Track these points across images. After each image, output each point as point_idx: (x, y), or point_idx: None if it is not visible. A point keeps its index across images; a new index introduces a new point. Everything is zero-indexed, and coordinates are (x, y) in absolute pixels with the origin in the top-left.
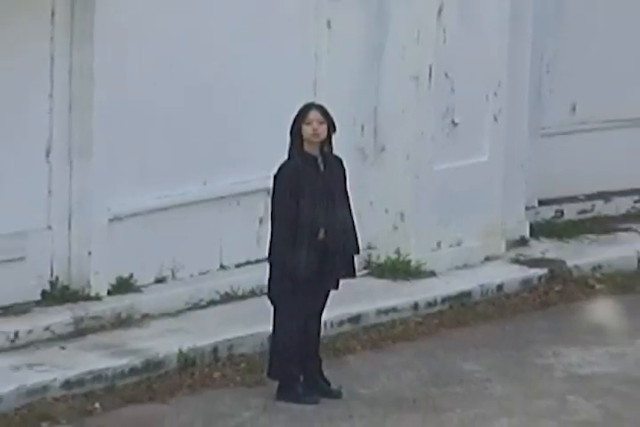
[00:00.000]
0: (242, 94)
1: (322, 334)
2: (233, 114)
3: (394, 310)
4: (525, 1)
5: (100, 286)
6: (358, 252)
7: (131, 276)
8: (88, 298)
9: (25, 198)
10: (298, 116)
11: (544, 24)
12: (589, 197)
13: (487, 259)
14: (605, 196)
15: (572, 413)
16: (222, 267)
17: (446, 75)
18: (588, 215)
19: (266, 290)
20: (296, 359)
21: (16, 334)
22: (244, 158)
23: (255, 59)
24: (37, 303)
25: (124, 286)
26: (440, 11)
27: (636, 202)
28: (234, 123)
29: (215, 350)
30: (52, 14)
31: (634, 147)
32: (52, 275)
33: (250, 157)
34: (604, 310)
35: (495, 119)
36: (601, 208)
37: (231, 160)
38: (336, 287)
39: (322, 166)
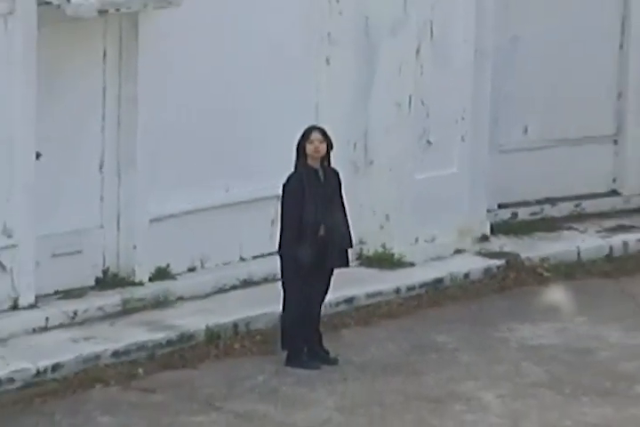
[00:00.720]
0: (257, 118)
1: (322, 313)
2: (250, 134)
3: (380, 293)
4: (486, 43)
5: (142, 274)
6: (351, 246)
7: (167, 266)
8: (133, 284)
9: (82, 203)
10: (302, 136)
11: (502, 61)
12: (539, 202)
13: (456, 252)
14: (552, 201)
15: (524, 376)
16: (242, 259)
17: (422, 102)
18: (538, 217)
19: (277, 277)
20: (301, 334)
21: (75, 313)
22: (259, 171)
23: (269, 89)
24: (92, 288)
25: (161, 274)
26: (418, 51)
27: (576, 206)
28: (250, 141)
29: (235, 325)
30: (104, 54)
31: (574, 161)
32: (103, 265)
33: (263, 170)
34: (550, 293)
35: (462, 139)
36: (548, 211)
37: (248, 172)
38: (333, 270)
39: (322, 177)
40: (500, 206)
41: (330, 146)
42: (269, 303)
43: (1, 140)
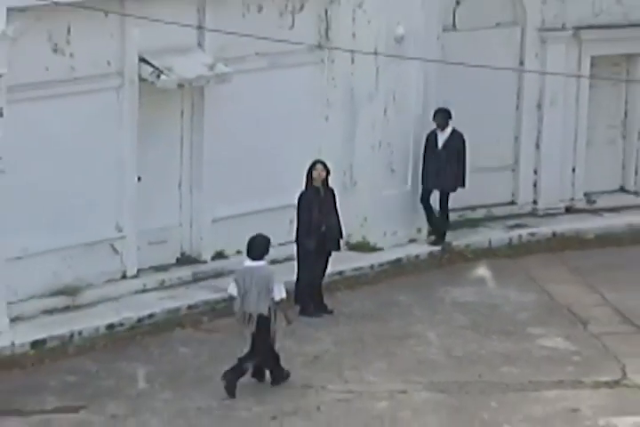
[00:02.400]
0: (281, 154)
1: (323, 280)
2: (275, 165)
3: (361, 268)
4: (430, 96)
5: (206, 255)
6: (342, 237)
7: (223, 250)
8: (200, 262)
9: (167, 209)
10: (310, 166)
11: (444, 101)
12: (463, 208)
13: (410, 241)
14: (472, 207)
15: (454, 322)
16: (273, 245)
17: (388, 144)
18: (463, 218)
19: (293, 257)
20: (309, 294)
21: (163, 281)
22: (281, 188)
23: (288, 135)
24: (173, 265)
25: (218, 255)
26: (385, 111)
27: (487, 211)
28: (275, 169)
29: None
30: (182, 113)
31: (486, 181)
32: (181, 249)
33: (284, 188)
34: (472, 268)
35: (414, 168)
36: (470, 214)
37: (274, 189)
38: (331, 253)
39: (322, 193)
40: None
41: (328, 173)
42: (288, 275)
43: (115, 168)
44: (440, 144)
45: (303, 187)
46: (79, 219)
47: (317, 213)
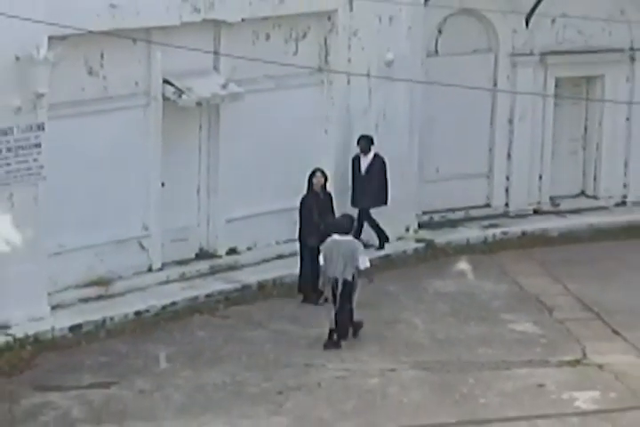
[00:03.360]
0: (287, 163)
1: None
2: (283, 173)
3: None
4: (415, 120)
5: (221, 251)
6: None
7: (235, 247)
8: (216, 257)
9: (188, 211)
10: (310, 174)
11: (424, 125)
12: (445, 211)
13: (399, 239)
14: (452, 210)
15: (438, 309)
16: (277, 242)
17: (378, 154)
18: (444, 219)
19: (296, 253)
20: (310, 284)
21: (184, 274)
22: (287, 192)
23: (293, 147)
24: (193, 259)
25: (232, 251)
26: (377, 125)
27: (465, 213)
28: (283, 177)
29: (274, 280)
30: (200, 127)
31: (465, 187)
32: (199, 246)
33: (289, 192)
34: (452, 262)
35: (402, 175)
36: (450, 216)
37: (280, 193)
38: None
39: (321, 197)
40: (423, 213)
41: (326, 179)
42: (292, 268)
43: (142, 175)
44: (363, 168)
45: (305, 191)
46: (111, 219)
47: (317, 214)
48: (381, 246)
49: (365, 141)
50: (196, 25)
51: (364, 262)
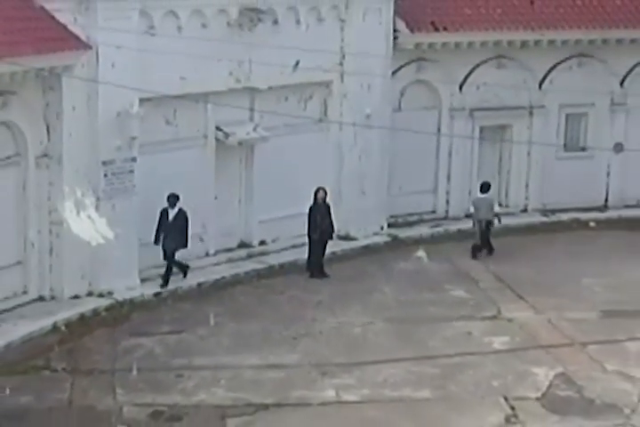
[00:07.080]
0: (299, 182)
1: (324, 257)
2: (296, 188)
3: (345, 250)
4: (386, 150)
5: (255, 242)
6: (334, 232)
7: (265, 239)
8: (251, 246)
9: (231, 215)
10: (315, 190)
11: (391, 157)
12: (406, 215)
13: (374, 234)
14: (412, 214)
15: (401, 282)
16: (292, 237)
17: (361, 177)
18: (405, 221)
19: (306, 244)
20: (315, 265)
21: (230, 257)
22: (300, 202)
23: (302, 172)
24: (235, 248)
25: (262, 243)
26: (360, 157)
27: (419, 216)
28: (296, 191)
29: (291, 262)
30: (240, 160)
31: (419, 199)
32: (239, 240)
33: (301, 202)
34: (411, 251)
35: (377, 191)
36: (410, 218)
37: (295, 203)
38: (327, 241)
39: (322, 206)
40: (391, 216)
41: (326, 194)
42: (302, 254)
43: (202, 192)
44: (170, 218)
45: (311, 202)
46: None
47: (319, 218)
48: (165, 284)
49: (172, 198)
50: (238, 90)
51: (497, 208)
